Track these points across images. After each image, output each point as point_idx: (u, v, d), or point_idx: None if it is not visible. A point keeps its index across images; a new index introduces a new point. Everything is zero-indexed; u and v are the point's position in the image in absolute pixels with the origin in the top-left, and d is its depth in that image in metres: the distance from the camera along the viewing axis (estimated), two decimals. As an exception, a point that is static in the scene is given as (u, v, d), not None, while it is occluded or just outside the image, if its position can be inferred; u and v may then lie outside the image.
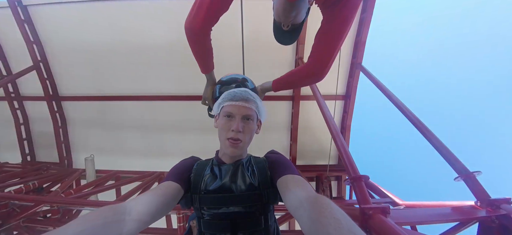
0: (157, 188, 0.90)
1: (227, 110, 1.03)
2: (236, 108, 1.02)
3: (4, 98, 4.27)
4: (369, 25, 3.53)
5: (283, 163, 1.01)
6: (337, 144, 2.13)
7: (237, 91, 1.07)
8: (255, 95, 1.10)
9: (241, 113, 1.02)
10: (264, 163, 1.07)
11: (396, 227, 1.22)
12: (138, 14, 3.62)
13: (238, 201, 0.97)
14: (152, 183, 3.94)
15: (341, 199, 4.19)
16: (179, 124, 4.33)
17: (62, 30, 3.81)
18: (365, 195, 1.65)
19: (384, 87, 2.94)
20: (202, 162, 1.11)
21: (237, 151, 1.01)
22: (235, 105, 1.03)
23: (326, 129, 2.48)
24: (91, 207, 2.94)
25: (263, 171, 1.03)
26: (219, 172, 1.03)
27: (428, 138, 2.20)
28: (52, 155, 4.50)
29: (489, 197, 1.69)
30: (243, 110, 1.02)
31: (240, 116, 1.01)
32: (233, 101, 1.04)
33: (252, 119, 1.05)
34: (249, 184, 0.99)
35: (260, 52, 3.74)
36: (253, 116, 1.05)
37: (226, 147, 1.01)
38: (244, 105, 1.03)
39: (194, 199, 1.00)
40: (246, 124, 1.03)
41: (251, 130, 1.05)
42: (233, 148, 1.00)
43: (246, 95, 1.06)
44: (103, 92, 4.27)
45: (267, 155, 1.15)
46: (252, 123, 1.05)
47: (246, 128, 1.03)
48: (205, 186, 1.00)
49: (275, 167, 1.00)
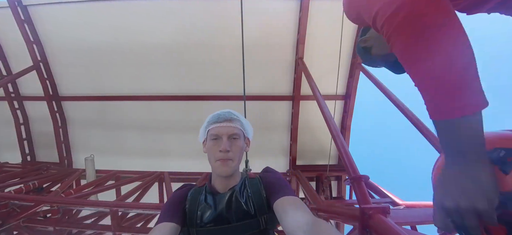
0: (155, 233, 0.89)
1: (213, 133, 1.04)
2: (221, 128, 1.03)
3: (4, 98, 4.27)
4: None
5: (278, 184, 1.00)
6: (337, 144, 2.13)
7: (220, 113, 1.08)
8: (238, 114, 1.12)
9: (227, 133, 1.03)
10: (259, 185, 1.04)
11: (396, 227, 1.22)
12: (138, 14, 3.62)
13: (236, 231, 0.95)
14: (152, 183, 3.94)
15: (341, 199, 4.19)
16: (179, 124, 4.32)
17: (62, 30, 3.81)
18: (365, 195, 1.65)
19: (384, 87, 2.94)
20: (195, 191, 1.07)
21: (229, 170, 1.01)
22: (220, 126, 1.04)
23: (326, 129, 2.48)
24: (91, 207, 2.94)
25: (258, 195, 1.00)
26: (213, 202, 1.00)
27: (428, 138, 2.20)
28: (52, 155, 4.50)
29: (489, 197, 1.68)
30: (228, 129, 1.03)
31: (226, 136, 1.02)
32: (218, 122, 1.05)
33: (239, 137, 1.05)
34: (245, 213, 0.97)
35: (260, 52, 3.74)
36: (239, 134, 1.06)
37: (217, 167, 1.01)
38: (229, 124, 1.04)
39: (192, 233, 0.98)
40: (234, 143, 1.03)
41: (239, 147, 1.05)
42: (224, 166, 1.00)
43: (229, 115, 1.07)
44: (103, 92, 4.27)
45: (261, 174, 1.12)
46: (239, 141, 1.05)
47: (234, 146, 1.02)
48: (201, 218, 0.98)
49: (271, 189, 0.99)
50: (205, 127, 1.10)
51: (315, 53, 3.74)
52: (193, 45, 3.81)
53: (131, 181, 3.88)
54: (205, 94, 4.15)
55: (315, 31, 3.59)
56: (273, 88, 4.08)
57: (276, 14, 3.59)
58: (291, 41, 3.75)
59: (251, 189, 1.02)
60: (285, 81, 4.04)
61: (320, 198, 3.39)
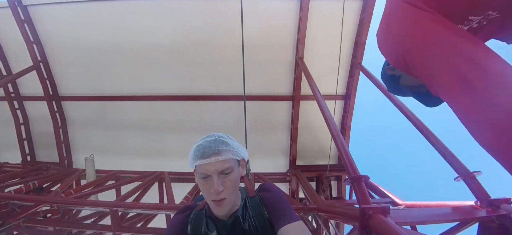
0: None
1: (201, 171, 0.90)
2: (209, 166, 0.88)
3: (4, 98, 4.27)
4: (369, 25, 3.53)
5: (282, 207, 0.97)
6: (337, 144, 2.13)
7: (205, 145, 0.91)
8: (227, 139, 0.96)
9: (217, 170, 0.88)
10: (260, 207, 1.01)
11: (396, 227, 1.22)
12: (138, 14, 3.62)
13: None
14: (152, 183, 3.94)
15: (341, 199, 4.19)
16: (179, 124, 4.32)
17: (62, 30, 3.81)
18: (365, 195, 1.65)
19: (384, 87, 2.94)
20: (197, 217, 1.03)
21: (225, 210, 0.93)
22: (208, 163, 0.88)
23: (326, 129, 2.48)
24: (91, 207, 2.94)
25: (261, 217, 0.98)
26: (216, 230, 0.97)
27: (428, 138, 2.20)
28: (52, 155, 4.50)
29: (489, 197, 1.69)
30: (217, 166, 0.89)
31: (216, 174, 0.88)
32: (204, 158, 0.89)
33: (232, 170, 0.92)
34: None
35: (260, 52, 3.74)
36: (231, 166, 0.91)
37: (212, 208, 0.95)
38: (217, 159, 0.89)
39: None
40: (226, 178, 0.91)
41: (233, 181, 0.93)
42: (219, 207, 0.91)
43: (216, 147, 0.90)
44: (103, 92, 4.27)
45: (261, 194, 1.07)
46: (233, 174, 0.92)
47: (227, 183, 0.91)
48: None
49: (274, 213, 0.97)
50: (191, 159, 0.94)
51: (315, 53, 3.74)
52: (193, 45, 3.81)
53: (131, 181, 3.87)
54: (205, 94, 4.15)
55: (315, 31, 3.59)
56: (273, 88, 4.08)
57: (276, 14, 3.59)
58: (291, 41, 3.75)
59: (253, 212, 1.00)
60: (285, 81, 4.04)
61: (320, 198, 3.39)
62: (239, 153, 0.97)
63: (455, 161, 1.95)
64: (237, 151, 0.96)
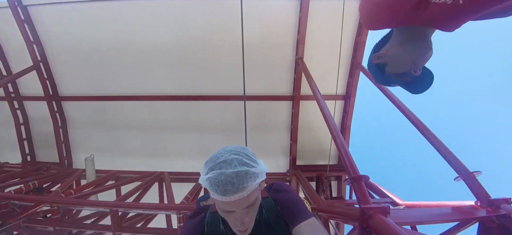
0: None
1: (223, 208, 0.82)
2: (232, 204, 0.79)
3: (4, 98, 4.27)
4: (369, 25, 3.53)
5: (295, 208, 0.99)
6: (337, 144, 2.13)
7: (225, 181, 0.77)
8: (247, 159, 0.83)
9: (241, 206, 0.81)
10: (275, 207, 1.01)
11: (396, 227, 1.22)
12: (138, 14, 3.62)
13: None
14: (152, 183, 3.94)
15: (341, 199, 4.19)
16: (179, 124, 4.32)
17: (62, 30, 3.81)
18: (365, 195, 1.65)
19: (384, 87, 2.94)
20: (212, 221, 1.01)
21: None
22: (230, 202, 0.79)
23: (326, 129, 2.48)
24: (91, 207, 2.94)
25: (277, 219, 0.99)
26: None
27: (428, 138, 2.20)
28: (52, 155, 4.50)
29: (489, 197, 1.69)
30: (242, 202, 0.80)
31: (240, 209, 0.82)
32: (226, 196, 0.77)
33: (256, 199, 0.85)
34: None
35: (260, 52, 3.74)
36: (256, 196, 0.84)
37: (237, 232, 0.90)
38: (242, 196, 0.78)
39: None
40: (250, 209, 0.85)
41: (257, 207, 0.89)
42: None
43: (239, 183, 0.77)
44: (103, 92, 4.27)
45: (274, 196, 1.05)
46: (257, 202, 0.87)
47: (251, 212, 0.87)
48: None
49: (289, 214, 0.98)
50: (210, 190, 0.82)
51: (315, 53, 3.74)
52: (193, 45, 3.81)
53: (131, 181, 3.88)
54: (205, 94, 4.15)
55: (315, 31, 3.59)
56: (273, 88, 4.08)
57: (276, 14, 3.59)
58: (291, 41, 3.75)
59: (268, 214, 1.00)
60: (285, 81, 4.04)
61: (320, 198, 3.39)
62: (261, 174, 0.85)
63: (455, 161, 1.95)
64: (259, 174, 0.83)
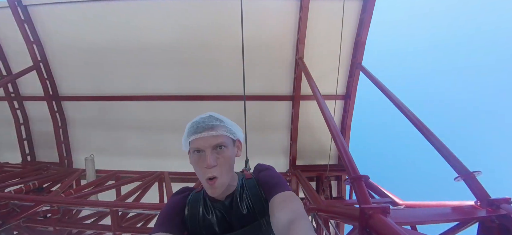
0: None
1: (195, 146, 0.90)
2: (202, 141, 0.88)
3: (4, 98, 4.28)
4: (369, 25, 3.54)
5: (271, 181, 0.99)
6: (337, 144, 2.13)
7: (199, 120, 0.93)
8: (222, 117, 0.97)
9: (210, 145, 0.88)
10: (257, 187, 1.02)
11: (396, 227, 1.22)
12: (138, 14, 3.62)
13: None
14: (152, 183, 3.94)
15: (341, 199, 4.19)
16: (179, 124, 4.29)
17: (62, 30, 3.81)
18: (365, 195, 1.65)
19: (384, 87, 2.94)
20: (194, 198, 1.03)
21: (218, 191, 0.90)
22: (201, 138, 0.88)
23: (326, 129, 2.48)
24: (91, 207, 2.95)
25: (257, 197, 0.99)
26: (213, 211, 0.98)
27: (428, 138, 2.20)
28: (52, 155, 4.50)
29: (489, 197, 1.69)
30: (211, 140, 0.88)
31: (209, 149, 0.88)
32: (198, 133, 0.89)
33: (226, 146, 0.91)
34: (247, 217, 0.96)
35: (260, 52, 3.74)
36: (225, 142, 0.91)
37: (206, 188, 0.92)
38: (211, 134, 0.88)
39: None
40: (220, 154, 0.89)
41: (227, 158, 0.91)
42: (212, 189, 0.89)
43: (210, 122, 0.91)
44: (103, 92, 4.27)
45: (256, 175, 1.08)
46: (227, 150, 0.91)
47: (221, 159, 0.89)
48: (204, 227, 0.97)
49: (266, 189, 0.98)
50: (185, 137, 0.94)
51: (315, 53, 3.74)
52: (193, 45, 3.81)
53: (131, 181, 3.88)
54: (205, 94, 4.15)
55: (315, 31, 3.59)
56: (273, 88, 4.08)
57: (276, 14, 3.60)
58: (291, 41, 3.75)
59: (249, 192, 1.01)
60: (285, 81, 4.04)
61: (320, 198, 3.39)
62: (234, 132, 0.98)
63: (455, 161, 1.95)
64: (231, 129, 0.96)
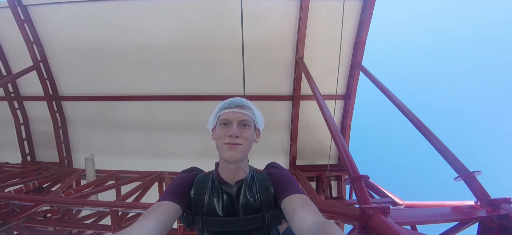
0: (157, 210, 0.85)
1: (223, 118, 1.00)
2: (231, 114, 0.99)
3: (4, 98, 4.27)
4: (369, 25, 3.54)
5: (287, 181, 0.99)
6: (337, 144, 2.13)
7: (232, 99, 1.06)
8: (251, 103, 1.08)
9: (237, 119, 0.98)
10: (267, 180, 1.03)
11: (396, 227, 1.22)
12: (139, 14, 3.62)
13: (242, 224, 0.96)
14: (152, 183, 3.94)
15: (341, 199, 4.19)
16: (179, 124, 4.32)
17: (62, 30, 3.81)
18: (365, 195, 1.65)
19: (384, 87, 2.94)
20: (202, 178, 1.06)
21: (236, 155, 0.95)
22: (231, 112, 1.00)
23: (326, 129, 2.48)
24: (91, 207, 2.94)
25: (266, 190, 1.00)
26: (221, 193, 1.00)
27: (428, 138, 2.20)
28: (52, 155, 4.50)
29: (489, 197, 1.69)
30: (239, 115, 0.99)
31: (236, 122, 0.98)
32: (229, 108, 1.01)
33: (249, 125, 1.01)
34: (253, 206, 0.97)
35: (260, 52, 3.74)
36: (249, 122, 1.01)
37: (225, 151, 0.95)
38: (240, 111, 1.00)
39: (196, 220, 0.98)
40: (244, 130, 0.98)
41: (249, 136, 0.99)
42: (231, 151, 0.94)
43: (241, 102, 1.04)
44: (103, 92, 4.27)
45: (268, 170, 1.10)
46: (250, 129, 1.00)
47: (244, 133, 0.97)
48: (207, 207, 0.98)
49: (279, 186, 0.98)
50: (215, 113, 1.06)
51: (315, 53, 3.74)
52: (193, 45, 3.81)
53: (131, 181, 3.88)
54: (205, 94, 4.15)
55: (315, 31, 3.59)
56: (273, 88, 4.08)
57: (276, 14, 3.60)
58: (291, 41, 3.75)
59: (259, 184, 1.02)
60: (285, 81, 4.04)
61: (320, 198, 3.39)
62: (258, 120, 1.09)
63: (455, 161, 1.95)
64: (256, 116, 1.08)
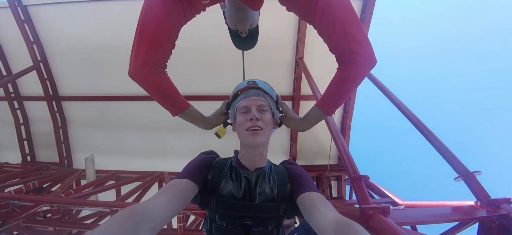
0: (175, 187, 0.84)
1: (242, 105, 1.05)
2: (250, 101, 1.04)
3: (4, 98, 4.27)
4: (369, 25, 3.53)
5: (305, 178, 1.00)
6: (337, 144, 2.13)
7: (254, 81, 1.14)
8: (270, 89, 1.16)
9: (256, 104, 1.03)
10: (284, 174, 1.05)
11: (396, 227, 1.22)
12: (138, 14, 3.61)
13: (256, 211, 0.96)
14: (152, 183, 3.94)
15: (341, 199, 4.19)
16: (179, 124, 4.28)
17: (62, 30, 3.81)
18: (365, 195, 1.65)
19: (384, 87, 2.94)
20: (221, 161, 1.06)
21: (259, 139, 0.98)
22: (249, 99, 1.05)
23: (326, 129, 2.48)
24: (91, 207, 2.94)
25: (283, 183, 1.01)
26: (239, 177, 1.00)
27: (428, 138, 2.20)
28: (52, 155, 4.50)
29: (489, 197, 1.69)
30: (257, 101, 1.04)
31: (255, 107, 1.02)
32: (247, 97, 1.06)
33: (268, 111, 1.05)
34: (269, 196, 0.98)
35: (260, 52, 3.74)
36: (267, 107, 1.06)
37: (246, 137, 0.99)
38: (258, 97, 1.06)
39: (210, 201, 0.97)
40: (263, 115, 1.02)
41: (268, 120, 1.03)
42: (253, 136, 0.97)
43: (258, 91, 1.10)
44: (103, 92, 4.27)
45: (285, 165, 1.12)
46: (268, 114, 1.04)
47: (264, 117, 1.01)
48: (224, 189, 0.98)
49: (296, 182, 0.99)
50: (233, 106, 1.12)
51: (315, 53, 3.74)
52: (193, 45, 3.80)
53: (131, 181, 3.88)
54: (205, 94, 4.15)
55: (315, 31, 3.56)
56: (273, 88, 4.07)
57: (276, 14, 3.59)
58: (291, 41, 3.75)
59: (277, 176, 1.03)
60: (285, 81, 4.04)
61: (320, 198, 3.38)
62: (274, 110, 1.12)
63: (455, 161, 1.95)
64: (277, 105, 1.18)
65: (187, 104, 1.15)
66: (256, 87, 1.12)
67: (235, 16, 1.08)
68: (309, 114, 1.14)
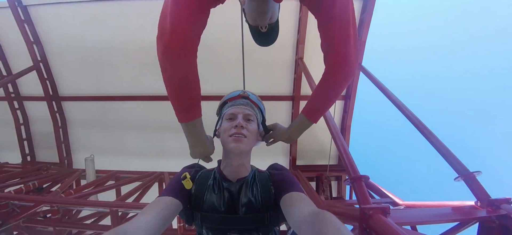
0: (157, 206, 0.83)
1: (229, 112, 1.06)
2: (237, 108, 1.06)
3: (4, 98, 4.27)
4: (369, 25, 3.53)
5: (288, 180, 0.99)
6: (337, 144, 2.13)
7: (240, 92, 1.17)
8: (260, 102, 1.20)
9: (243, 112, 1.05)
10: (268, 181, 1.03)
11: (396, 227, 1.22)
12: (138, 14, 3.61)
13: (241, 223, 0.95)
14: (152, 183, 3.94)
15: (341, 199, 4.19)
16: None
17: (62, 30, 3.81)
18: (365, 195, 1.65)
19: (384, 87, 2.94)
20: (204, 175, 1.05)
21: (241, 146, 0.97)
22: (237, 107, 1.07)
23: (326, 129, 2.48)
24: (91, 207, 2.95)
25: (267, 190, 0.99)
26: (221, 190, 0.99)
27: (428, 138, 2.20)
28: (52, 155, 4.50)
29: (489, 197, 1.69)
30: (244, 109, 1.06)
31: (241, 115, 1.04)
32: (235, 105, 1.08)
33: (253, 121, 1.07)
34: (253, 206, 0.96)
35: (260, 52, 3.73)
36: (254, 118, 1.08)
37: (229, 142, 0.98)
38: (246, 106, 1.08)
39: (196, 216, 0.97)
40: (249, 124, 1.04)
41: (253, 130, 1.04)
42: (236, 142, 0.97)
43: (247, 97, 1.15)
44: (103, 92, 4.27)
45: (270, 171, 1.10)
46: (254, 124, 1.06)
47: (249, 127, 1.03)
48: (207, 204, 0.97)
49: (279, 186, 0.97)
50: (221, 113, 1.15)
51: (315, 53, 3.74)
52: (193, 45, 3.81)
53: (131, 181, 3.88)
54: (205, 94, 4.10)
55: (315, 31, 3.57)
56: (273, 88, 4.08)
57: (276, 14, 3.60)
58: (291, 41, 3.75)
59: (260, 184, 1.01)
60: (285, 81, 4.04)
61: (320, 198, 3.39)
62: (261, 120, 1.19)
63: (455, 161, 1.95)
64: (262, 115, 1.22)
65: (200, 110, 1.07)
66: (246, 97, 1.16)
67: (255, 9, 1.07)
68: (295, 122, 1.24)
